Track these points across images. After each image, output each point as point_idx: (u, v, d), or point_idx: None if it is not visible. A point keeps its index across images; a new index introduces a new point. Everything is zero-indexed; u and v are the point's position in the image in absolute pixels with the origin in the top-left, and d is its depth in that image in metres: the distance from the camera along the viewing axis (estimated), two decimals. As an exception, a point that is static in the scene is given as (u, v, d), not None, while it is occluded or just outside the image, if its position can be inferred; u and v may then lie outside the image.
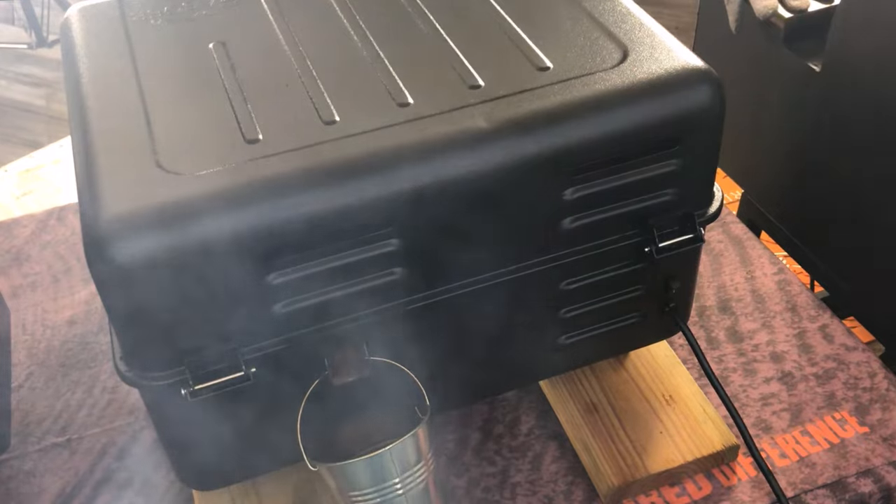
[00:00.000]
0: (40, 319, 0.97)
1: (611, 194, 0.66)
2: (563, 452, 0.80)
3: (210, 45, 0.72)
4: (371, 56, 0.70)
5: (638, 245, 0.70)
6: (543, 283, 0.70)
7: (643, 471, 0.76)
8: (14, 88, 2.74)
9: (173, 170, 0.60)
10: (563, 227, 0.67)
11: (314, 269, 0.62)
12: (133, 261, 0.56)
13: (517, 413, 0.84)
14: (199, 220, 0.57)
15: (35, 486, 0.81)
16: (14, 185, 1.23)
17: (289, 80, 0.68)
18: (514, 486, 0.78)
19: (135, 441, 0.84)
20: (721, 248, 1.01)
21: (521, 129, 0.62)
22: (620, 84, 0.64)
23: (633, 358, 0.85)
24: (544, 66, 0.67)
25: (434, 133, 0.62)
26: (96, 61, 0.71)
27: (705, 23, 1.25)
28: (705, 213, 0.71)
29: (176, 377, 0.61)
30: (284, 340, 0.64)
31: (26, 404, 0.88)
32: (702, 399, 0.81)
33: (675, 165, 0.67)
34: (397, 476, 0.66)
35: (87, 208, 0.58)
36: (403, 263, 0.64)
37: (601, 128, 0.63)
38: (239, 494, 0.76)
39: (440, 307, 0.67)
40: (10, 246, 1.06)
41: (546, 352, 0.76)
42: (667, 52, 0.67)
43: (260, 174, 0.59)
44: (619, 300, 0.74)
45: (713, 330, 0.91)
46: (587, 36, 0.70)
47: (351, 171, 0.60)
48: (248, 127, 0.63)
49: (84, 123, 0.65)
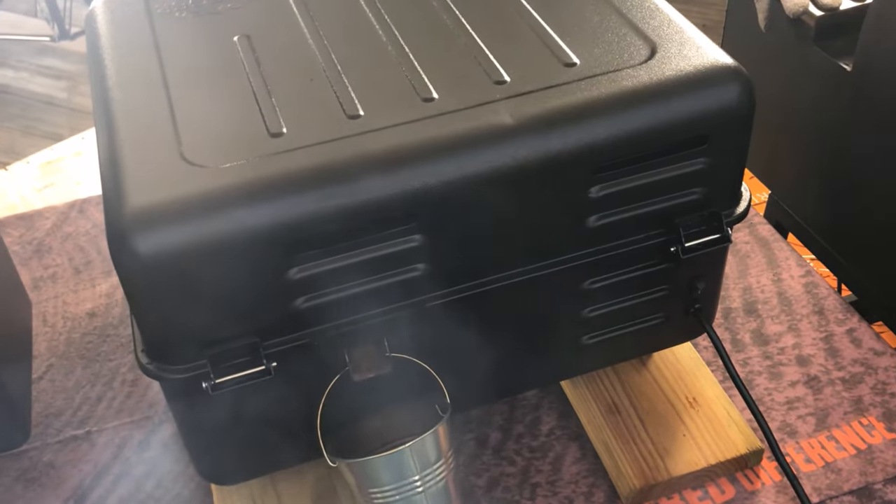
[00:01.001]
0: (61, 311, 0.98)
1: (637, 193, 0.66)
2: (584, 453, 0.80)
3: (235, 39, 0.73)
4: (396, 50, 0.70)
5: (664, 245, 0.70)
6: (567, 282, 0.70)
7: (665, 473, 0.76)
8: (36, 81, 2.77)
9: (197, 162, 0.60)
10: (588, 225, 0.67)
11: (336, 264, 0.62)
12: (156, 253, 0.56)
13: (538, 413, 0.84)
14: (222, 213, 0.57)
15: (54, 478, 0.82)
16: (35, 178, 1.24)
17: (313, 74, 0.68)
18: (534, 486, 0.78)
19: (154, 434, 0.85)
20: (747, 249, 1.01)
21: (547, 125, 0.62)
22: (648, 81, 0.64)
23: (657, 359, 0.85)
24: (571, 62, 0.67)
25: (458, 129, 0.62)
26: (121, 53, 0.72)
27: (734, 20, 1.24)
28: (733, 213, 0.71)
29: (197, 370, 0.61)
30: (305, 335, 0.64)
31: (46, 396, 0.89)
32: (726, 402, 0.81)
33: (703, 164, 0.67)
34: (417, 474, 0.66)
35: (112, 200, 0.59)
36: (426, 260, 0.64)
37: (628, 125, 0.63)
38: (258, 490, 0.76)
39: (462, 304, 0.67)
40: (32, 238, 1.08)
41: (568, 352, 0.77)
42: (696, 49, 0.67)
43: (283, 168, 0.60)
44: (644, 300, 0.74)
45: (738, 332, 0.91)
46: (615, 32, 0.70)
47: (374, 166, 0.60)
48: (272, 120, 0.64)
49: (108, 115, 0.65)
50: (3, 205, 1.17)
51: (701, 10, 2.69)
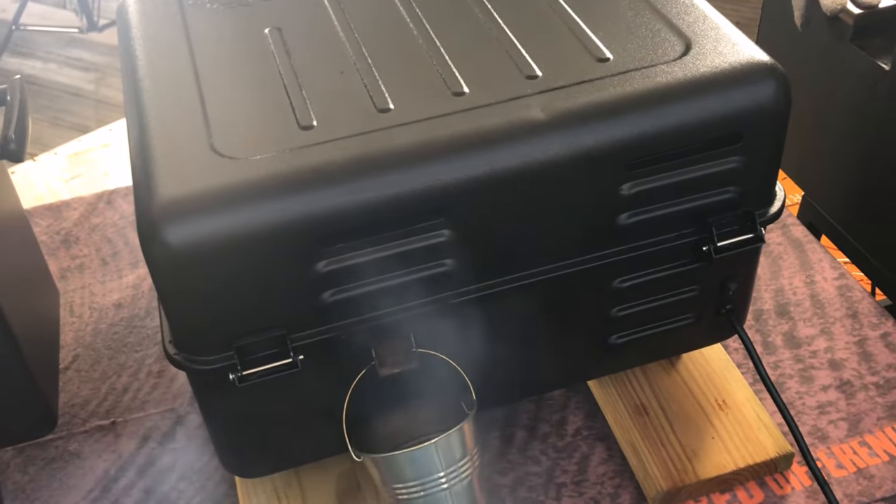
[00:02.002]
0: (87, 302, 0.99)
1: (670, 190, 0.66)
2: (610, 454, 0.80)
3: (266, 31, 0.73)
4: (427, 44, 0.70)
5: (696, 244, 0.69)
6: (596, 280, 0.70)
7: (693, 476, 0.75)
8: (63, 72, 2.80)
9: (228, 154, 0.61)
10: (619, 222, 0.67)
11: (364, 258, 0.63)
12: (186, 244, 0.57)
13: (564, 412, 0.84)
14: (252, 205, 0.58)
15: (79, 468, 0.83)
16: (63, 168, 1.25)
17: (344, 67, 0.69)
18: (559, 486, 0.78)
19: (179, 426, 0.85)
20: (780, 250, 1.00)
21: (579, 120, 0.62)
22: (682, 77, 0.64)
23: (686, 360, 0.85)
24: (604, 57, 0.67)
25: (489, 123, 0.62)
26: (152, 44, 0.73)
27: (769, 18, 1.23)
28: (766, 213, 0.71)
29: (224, 362, 0.62)
30: (332, 329, 0.65)
31: (72, 386, 0.90)
32: (756, 405, 0.81)
33: (737, 162, 0.67)
34: (442, 470, 0.66)
35: (142, 191, 0.59)
36: (454, 255, 0.64)
37: (661, 121, 0.63)
38: (281, 484, 0.77)
39: (490, 301, 0.67)
40: (60, 228, 1.09)
41: (596, 351, 0.76)
42: (731, 45, 0.67)
43: (313, 161, 0.60)
44: (674, 300, 0.74)
45: (770, 334, 0.91)
46: (649, 27, 0.70)
47: (404, 159, 0.61)
48: (302, 113, 0.64)
49: (140, 107, 0.66)
50: (30, 195, 1.19)
51: (734, 8, 2.67)
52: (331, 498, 0.76)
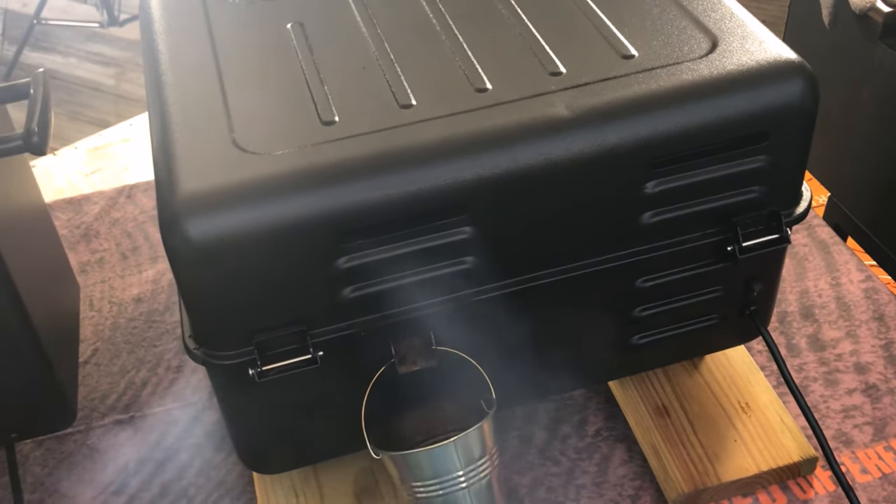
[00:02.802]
0: (107, 296, 1.00)
1: (694, 189, 0.66)
2: (631, 456, 0.80)
3: (288, 26, 0.74)
4: (450, 40, 0.71)
5: (720, 243, 0.69)
6: (619, 280, 0.70)
7: (715, 479, 0.75)
8: (84, 67, 2.82)
9: (249, 149, 0.61)
10: (643, 221, 0.67)
11: (385, 255, 0.63)
12: (207, 238, 0.57)
13: (584, 413, 0.84)
14: (273, 200, 0.58)
15: (98, 462, 0.84)
16: (83, 163, 1.27)
17: (366, 63, 0.69)
18: (578, 487, 0.78)
19: (197, 421, 0.86)
20: (805, 251, 0.99)
21: (603, 118, 0.62)
22: (709, 75, 0.64)
23: (709, 362, 0.84)
24: (629, 55, 0.67)
25: (512, 120, 0.62)
26: (175, 39, 0.73)
27: (796, 16, 1.23)
28: (792, 213, 0.70)
29: (244, 357, 0.63)
30: (352, 325, 0.65)
31: (91, 380, 0.91)
32: (780, 408, 0.80)
33: (763, 162, 0.66)
34: (461, 469, 0.66)
35: (164, 185, 0.60)
36: (476, 252, 0.65)
37: (687, 120, 0.63)
38: (299, 480, 0.77)
39: (511, 299, 0.67)
40: (80, 222, 1.10)
41: (618, 351, 0.76)
42: (758, 43, 0.67)
43: (335, 157, 0.60)
44: (698, 300, 0.74)
45: (794, 337, 0.90)
46: (675, 24, 0.70)
47: (426, 156, 0.61)
48: (324, 108, 0.65)
49: (162, 101, 0.67)
50: (50, 189, 1.20)
51: (760, 6, 2.65)
52: (348, 495, 0.76)
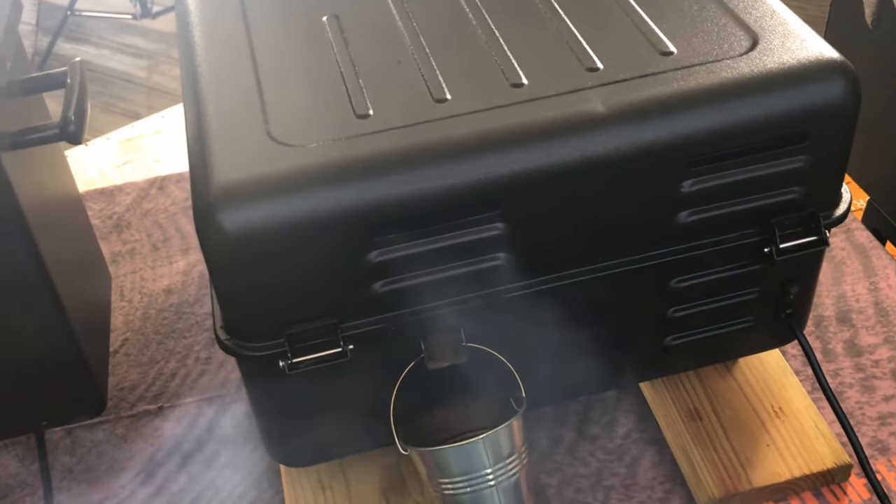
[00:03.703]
0: (138, 287, 1.01)
1: (732, 189, 0.66)
2: (661, 458, 0.80)
3: (324, 18, 0.74)
4: (486, 34, 0.71)
5: (757, 245, 0.69)
6: (653, 279, 0.70)
7: (747, 484, 0.75)
8: (116, 58, 2.86)
9: (284, 141, 0.62)
10: (679, 220, 0.66)
11: (416, 250, 0.63)
12: (241, 230, 0.58)
13: (615, 414, 0.84)
14: (307, 192, 0.59)
15: (126, 451, 0.85)
16: (115, 154, 1.28)
17: (401, 56, 0.69)
18: (607, 489, 0.78)
19: (226, 413, 0.87)
20: (843, 255, 0.98)
21: (640, 115, 0.62)
22: (749, 73, 0.63)
23: (742, 365, 0.84)
24: (668, 51, 0.66)
25: (548, 115, 0.62)
26: (210, 30, 0.74)
27: (838, 15, 1.21)
28: (831, 215, 0.70)
29: (275, 349, 0.63)
30: (382, 320, 0.65)
31: (121, 370, 0.92)
32: (814, 413, 0.80)
33: (803, 162, 0.66)
34: (489, 467, 0.67)
35: (199, 176, 0.61)
36: (508, 249, 0.65)
37: (726, 118, 0.62)
38: (326, 474, 0.78)
39: (542, 297, 0.67)
40: (112, 212, 1.12)
41: (650, 352, 0.76)
42: (800, 41, 0.66)
43: (369, 150, 0.61)
44: (733, 302, 0.73)
45: (830, 342, 0.89)
46: (715, 21, 0.69)
47: (460, 150, 0.61)
48: (358, 102, 0.65)
49: (197, 92, 0.67)
50: (82, 179, 1.22)
51: (800, 5, 2.62)
52: (375, 491, 0.77)
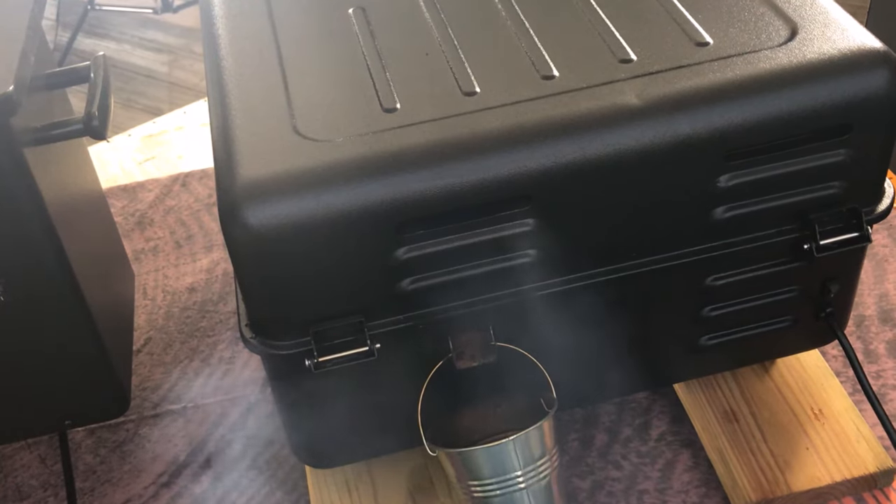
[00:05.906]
0: (161, 285, 1.03)
1: (770, 184, 0.65)
2: (696, 462, 0.80)
3: (350, 11, 0.75)
4: (516, 26, 0.71)
5: (796, 241, 0.68)
6: (688, 277, 0.70)
7: (785, 488, 0.74)
8: (137, 54, 2.88)
9: (310, 136, 0.62)
10: (716, 216, 0.66)
11: (445, 246, 0.63)
12: (267, 226, 0.58)
13: (648, 416, 0.83)
14: (334, 188, 0.59)
15: (149, 452, 0.86)
16: (137, 150, 1.29)
17: (429, 49, 0.70)
18: (641, 493, 0.78)
19: (250, 413, 0.88)
20: (886, 252, 0.97)
21: (675, 107, 0.62)
22: (787, 64, 0.63)
23: (781, 366, 0.83)
24: (703, 42, 0.66)
25: (579, 108, 0.62)
26: (235, 23, 0.75)
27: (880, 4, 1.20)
28: (873, 211, 0.69)
29: (301, 347, 0.64)
30: (410, 318, 0.66)
31: (144, 369, 0.93)
32: (855, 416, 0.79)
33: (844, 156, 0.65)
34: (520, 469, 0.67)
35: (224, 171, 0.61)
36: (539, 245, 0.65)
37: (764, 110, 0.62)
38: (352, 476, 0.78)
39: (574, 295, 0.67)
40: (135, 209, 1.13)
41: (685, 352, 0.76)
42: (840, 31, 0.66)
43: (396, 144, 0.61)
44: (771, 301, 0.73)
45: (872, 342, 0.89)
46: (752, 11, 0.69)
47: (490, 144, 0.61)
48: (385, 95, 0.65)
49: (222, 86, 0.68)
50: (104, 176, 1.23)
51: (840, -6, 2.60)
52: (402, 493, 0.77)
